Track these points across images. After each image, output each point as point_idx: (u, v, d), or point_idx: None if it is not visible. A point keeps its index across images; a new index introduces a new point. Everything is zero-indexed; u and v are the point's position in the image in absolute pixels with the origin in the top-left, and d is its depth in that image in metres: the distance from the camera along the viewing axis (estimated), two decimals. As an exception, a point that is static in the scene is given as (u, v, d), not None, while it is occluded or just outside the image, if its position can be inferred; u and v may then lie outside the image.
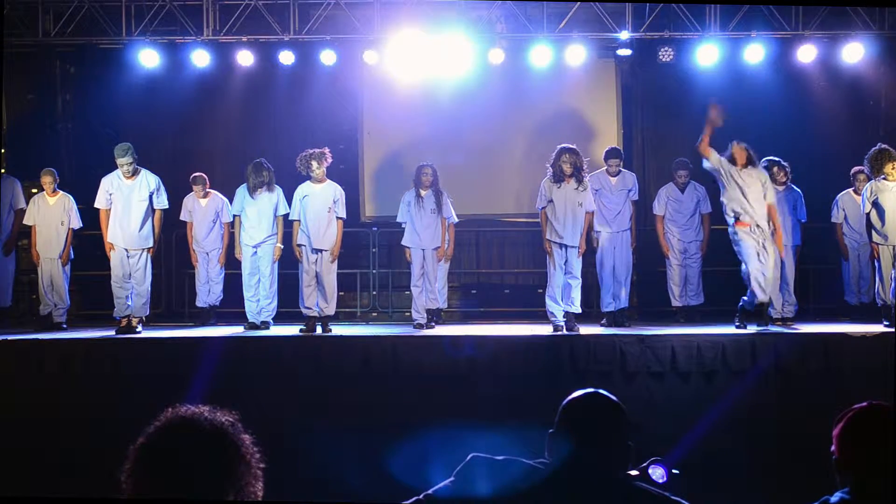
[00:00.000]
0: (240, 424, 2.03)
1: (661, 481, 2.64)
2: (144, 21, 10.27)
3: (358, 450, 7.35)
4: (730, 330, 8.54)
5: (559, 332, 8.65)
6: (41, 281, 9.49)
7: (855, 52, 10.16)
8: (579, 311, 8.88)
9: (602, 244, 9.47)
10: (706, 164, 8.49)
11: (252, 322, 9.38)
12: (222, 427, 1.99)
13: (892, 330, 8.32)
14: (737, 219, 8.35)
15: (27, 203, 9.57)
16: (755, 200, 8.34)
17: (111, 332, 8.88)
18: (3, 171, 10.35)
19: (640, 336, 8.33)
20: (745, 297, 8.55)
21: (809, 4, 10.02)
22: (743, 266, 8.45)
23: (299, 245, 9.11)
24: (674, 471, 2.68)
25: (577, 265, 8.82)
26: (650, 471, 2.67)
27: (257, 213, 9.36)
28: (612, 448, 2.51)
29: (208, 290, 9.95)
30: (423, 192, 9.39)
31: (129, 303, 8.98)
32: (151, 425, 1.99)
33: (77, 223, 9.58)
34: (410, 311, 9.48)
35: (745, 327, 8.52)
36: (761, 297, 8.37)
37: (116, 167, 8.97)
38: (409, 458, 6.48)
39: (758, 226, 8.32)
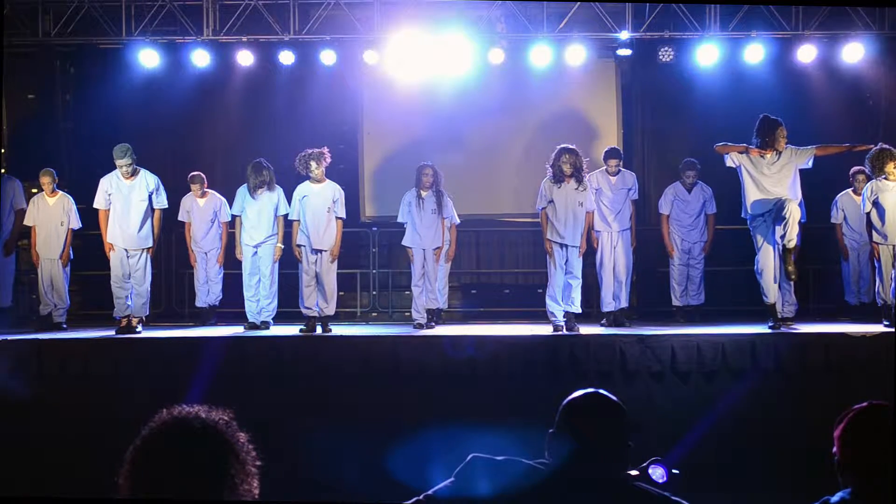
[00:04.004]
0: (234, 423, 2.03)
1: (661, 481, 2.64)
2: (144, 21, 10.26)
3: (358, 450, 7.35)
4: (730, 330, 8.54)
5: (559, 332, 8.65)
6: (41, 281, 9.49)
7: (855, 52, 10.15)
8: (579, 311, 8.88)
9: (602, 244, 9.48)
10: (810, 164, 8.40)
11: (252, 322, 9.38)
12: (215, 427, 1.99)
13: (892, 330, 8.31)
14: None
15: (27, 203, 9.57)
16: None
17: (111, 332, 8.88)
18: (3, 171, 10.35)
19: (640, 336, 8.33)
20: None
21: (809, 4, 10.02)
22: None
23: (299, 245, 9.11)
24: (674, 471, 2.68)
25: (577, 265, 8.82)
26: (650, 471, 2.66)
27: (257, 213, 9.36)
28: (612, 448, 2.51)
29: (207, 290, 9.95)
30: (423, 193, 9.38)
31: (129, 303, 8.97)
32: (146, 427, 2.00)
33: (77, 223, 9.58)
34: (410, 311, 9.49)
35: (779, 328, 8.51)
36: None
37: (116, 167, 8.98)
38: (409, 458, 6.48)
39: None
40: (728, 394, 7.69)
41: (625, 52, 10.74)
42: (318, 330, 8.95)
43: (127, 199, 8.97)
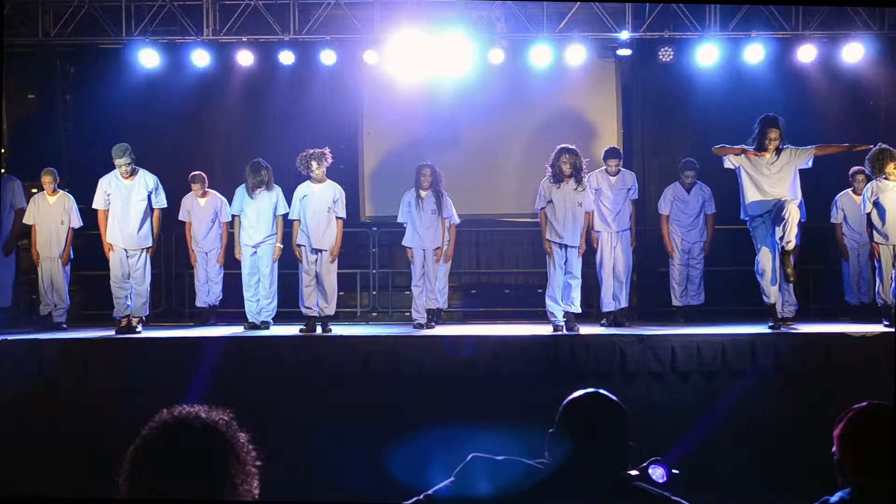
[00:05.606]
0: (234, 423, 2.03)
1: (661, 481, 2.64)
2: (144, 21, 10.26)
3: (358, 450, 7.34)
4: (730, 330, 8.54)
5: (559, 332, 8.65)
6: (41, 281, 9.49)
7: (855, 52, 10.16)
8: (579, 311, 8.88)
9: (602, 244, 9.48)
10: (810, 164, 8.41)
11: (252, 322, 9.37)
12: (215, 427, 1.99)
13: (892, 330, 8.31)
14: None
15: (27, 203, 9.57)
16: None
17: (111, 332, 8.88)
18: (3, 171, 10.35)
19: (640, 336, 8.32)
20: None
21: (809, 4, 10.02)
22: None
23: (299, 245, 9.11)
24: (674, 471, 2.68)
25: (576, 265, 8.82)
26: (650, 471, 2.66)
27: (256, 212, 9.36)
28: (612, 448, 2.51)
29: (207, 290, 9.95)
30: (423, 193, 9.38)
31: (129, 303, 8.97)
32: (146, 427, 2.00)
33: (77, 223, 9.58)
34: (410, 311, 9.49)
35: (779, 328, 8.51)
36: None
37: (115, 167, 8.98)
38: (409, 458, 6.48)
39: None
40: (728, 394, 7.69)
41: (625, 52, 10.74)
42: (318, 330, 8.95)
43: (126, 199, 8.97)
